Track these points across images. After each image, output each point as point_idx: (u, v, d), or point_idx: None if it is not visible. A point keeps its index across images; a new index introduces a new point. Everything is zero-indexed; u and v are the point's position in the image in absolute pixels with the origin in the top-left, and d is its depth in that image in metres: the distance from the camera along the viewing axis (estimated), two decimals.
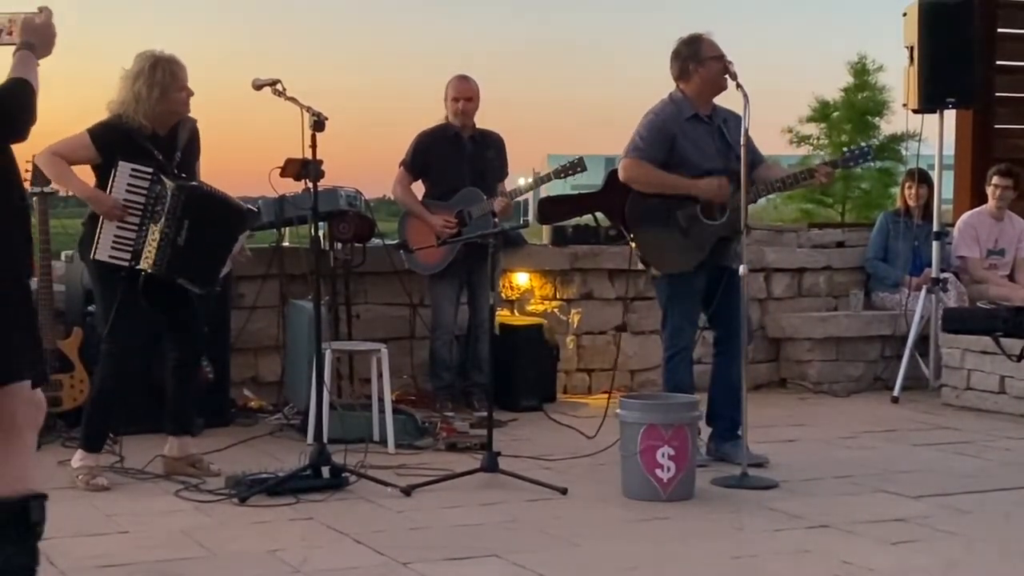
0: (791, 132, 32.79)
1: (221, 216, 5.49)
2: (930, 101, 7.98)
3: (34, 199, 5.89)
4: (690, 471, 5.18)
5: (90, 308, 6.16)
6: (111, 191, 5.26)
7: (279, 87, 5.40)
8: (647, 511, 4.95)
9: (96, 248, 5.27)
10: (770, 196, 6.70)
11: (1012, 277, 8.56)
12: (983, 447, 6.41)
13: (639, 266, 6.21)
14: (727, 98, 5.87)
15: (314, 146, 5.31)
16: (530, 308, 8.02)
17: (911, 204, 8.50)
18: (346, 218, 6.92)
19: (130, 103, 5.29)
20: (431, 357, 7.29)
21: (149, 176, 5.29)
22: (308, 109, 5.30)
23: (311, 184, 5.40)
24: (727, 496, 5.23)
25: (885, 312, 8.43)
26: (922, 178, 8.51)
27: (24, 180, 4.25)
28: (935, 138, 8.16)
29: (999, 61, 9.54)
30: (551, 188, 11.54)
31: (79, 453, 5.33)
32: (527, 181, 7.59)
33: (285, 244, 7.26)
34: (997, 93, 9.53)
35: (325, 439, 5.32)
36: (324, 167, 5.42)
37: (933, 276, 8.04)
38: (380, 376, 6.23)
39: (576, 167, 7.05)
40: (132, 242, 5.28)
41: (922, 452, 6.27)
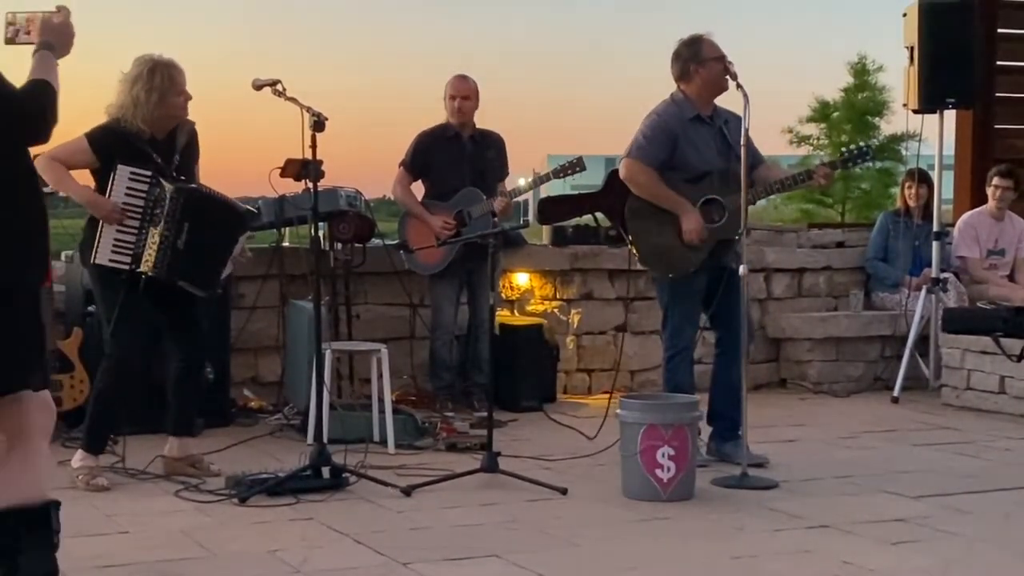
0: (791, 132, 32.83)
1: (221, 218, 5.49)
2: (930, 101, 7.98)
3: None
4: (690, 471, 5.18)
5: (90, 308, 6.16)
6: (110, 195, 5.26)
7: (279, 87, 5.40)
8: (647, 511, 4.95)
9: (96, 252, 5.27)
10: (770, 197, 6.70)
11: (1012, 277, 8.56)
12: (983, 447, 6.41)
13: (639, 266, 6.21)
14: (727, 98, 5.88)
15: (314, 146, 5.32)
16: (530, 308, 8.02)
17: (911, 204, 8.49)
18: (346, 218, 6.92)
19: (128, 107, 5.29)
20: (431, 357, 7.29)
21: (148, 179, 5.29)
22: (308, 109, 5.30)
23: (311, 184, 5.40)
24: (727, 496, 5.23)
25: (885, 312, 8.43)
26: (922, 178, 8.51)
27: None
28: (935, 138, 8.16)
29: (999, 61, 9.53)
30: (551, 188, 11.53)
31: (79, 453, 5.34)
32: (527, 181, 7.58)
33: (285, 244, 7.26)
34: (997, 93, 9.53)
35: (325, 439, 5.32)
36: (324, 167, 5.43)
37: (933, 276, 8.04)
38: (380, 376, 6.23)
39: (576, 167, 7.06)
40: (132, 245, 5.28)
41: (922, 452, 6.27)
